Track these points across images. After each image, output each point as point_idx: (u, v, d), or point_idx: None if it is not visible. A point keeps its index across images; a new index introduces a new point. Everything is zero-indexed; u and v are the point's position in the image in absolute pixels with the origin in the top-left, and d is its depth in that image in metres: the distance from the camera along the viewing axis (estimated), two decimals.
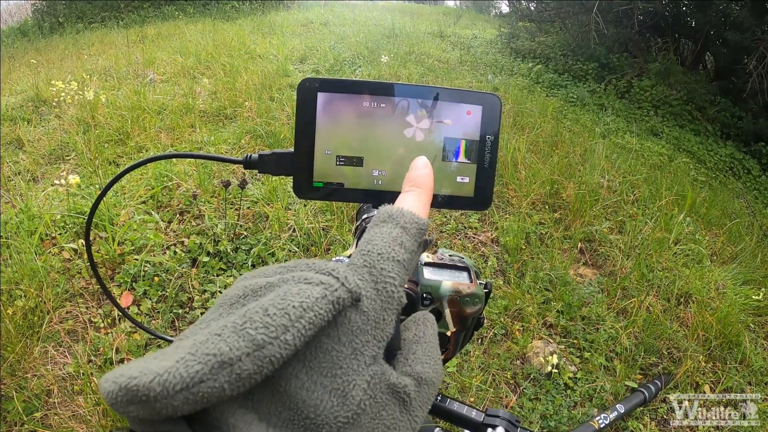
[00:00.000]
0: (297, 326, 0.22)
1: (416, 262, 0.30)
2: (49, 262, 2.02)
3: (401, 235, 0.29)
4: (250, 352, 0.20)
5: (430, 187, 0.35)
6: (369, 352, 0.25)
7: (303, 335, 0.22)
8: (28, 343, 1.75)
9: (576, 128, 4.56)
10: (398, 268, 0.27)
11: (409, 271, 0.28)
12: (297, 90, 0.54)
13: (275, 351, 0.21)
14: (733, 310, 2.29)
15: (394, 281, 0.27)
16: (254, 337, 0.21)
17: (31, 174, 2.90)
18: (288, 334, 0.21)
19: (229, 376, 0.20)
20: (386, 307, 0.26)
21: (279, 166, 0.60)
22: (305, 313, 0.22)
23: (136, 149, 3.06)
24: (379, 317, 0.26)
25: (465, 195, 0.58)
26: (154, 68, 4.82)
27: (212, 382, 0.19)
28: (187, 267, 2.09)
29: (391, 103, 0.54)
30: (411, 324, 0.32)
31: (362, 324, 0.25)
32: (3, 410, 1.57)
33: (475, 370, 1.81)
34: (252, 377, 0.20)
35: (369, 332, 0.25)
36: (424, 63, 5.81)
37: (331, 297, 0.24)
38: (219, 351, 0.20)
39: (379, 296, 0.26)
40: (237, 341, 0.21)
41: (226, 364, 0.20)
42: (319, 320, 0.23)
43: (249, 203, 2.46)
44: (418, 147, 0.55)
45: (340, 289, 0.24)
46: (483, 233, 2.61)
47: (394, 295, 0.26)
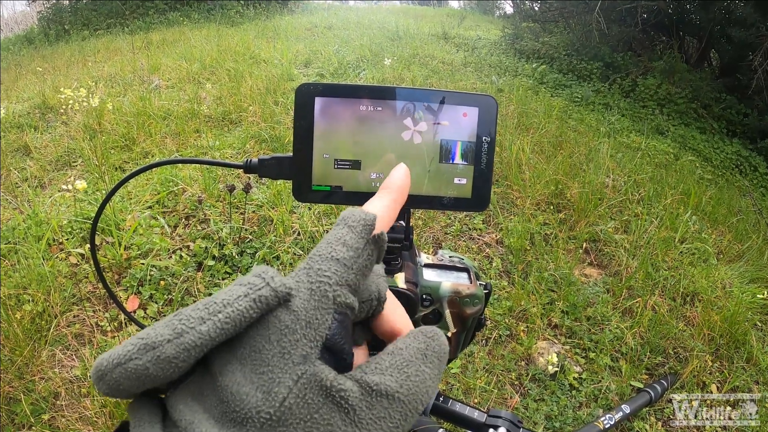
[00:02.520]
0: (213, 319, 0.24)
1: (368, 258, 0.29)
2: (56, 267, 2.04)
3: (346, 233, 0.29)
4: (171, 339, 0.23)
5: (400, 189, 0.35)
6: (298, 351, 0.25)
7: (219, 328, 0.24)
8: (36, 346, 1.77)
9: (581, 128, 4.55)
10: (336, 267, 0.27)
11: (356, 268, 0.28)
12: (295, 95, 0.54)
13: (191, 339, 0.23)
14: (739, 308, 2.27)
15: (329, 280, 0.27)
16: (176, 326, 0.23)
17: (39, 180, 2.92)
18: (204, 326, 0.24)
19: (152, 357, 0.23)
20: (320, 306, 0.26)
21: (279, 170, 0.61)
22: (224, 309, 0.24)
23: (141, 155, 3.09)
24: (311, 316, 0.26)
25: (462, 196, 0.59)
26: (159, 74, 4.85)
27: (138, 361, 0.23)
28: (193, 271, 2.10)
29: (388, 107, 0.55)
30: (405, 337, 0.30)
31: (291, 323, 0.25)
32: (11, 412, 1.59)
33: (480, 371, 1.81)
34: (173, 361, 0.23)
35: (299, 331, 0.25)
36: (428, 65, 5.82)
37: (254, 295, 0.25)
38: (146, 336, 0.23)
39: (312, 296, 0.26)
40: (162, 329, 0.23)
41: (149, 347, 0.23)
42: (237, 315, 0.24)
43: (254, 207, 2.47)
44: (416, 149, 0.56)
45: (264, 288, 0.25)
46: (487, 234, 2.61)
47: (328, 294, 0.26)
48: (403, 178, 0.36)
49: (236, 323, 0.24)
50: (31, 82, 5.12)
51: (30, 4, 10.82)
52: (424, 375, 0.27)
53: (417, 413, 0.27)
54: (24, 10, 11.27)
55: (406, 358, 0.28)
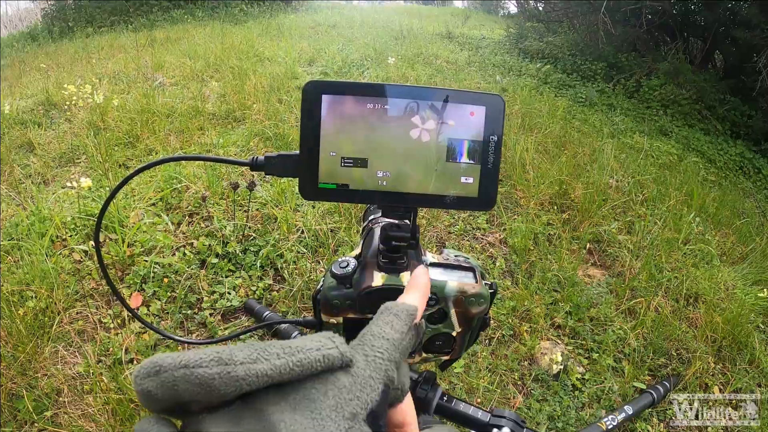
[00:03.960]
0: (288, 358, 0.26)
1: (409, 342, 0.34)
2: (59, 264, 2.05)
3: (393, 320, 0.34)
4: (245, 362, 0.25)
5: (426, 287, 0.42)
6: (350, 409, 0.27)
7: (290, 367, 0.26)
8: (39, 343, 1.77)
9: (585, 128, 4.54)
10: (387, 345, 0.31)
11: (401, 349, 0.32)
12: (302, 92, 0.54)
13: (263, 368, 0.25)
14: (742, 310, 2.27)
15: (382, 355, 0.31)
16: (252, 353, 0.26)
17: (42, 177, 2.93)
18: (278, 361, 0.26)
19: (221, 371, 0.24)
20: (374, 375, 0.29)
21: (285, 167, 0.61)
22: (298, 354, 0.27)
23: (145, 152, 3.09)
24: (366, 382, 0.29)
25: (469, 195, 0.59)
26: (163, 72, 4.85)
27: (207, 370, 0.24)
28: (196, 268, 2.10)
29: (396, 105, 0.55)
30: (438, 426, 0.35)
31: (349, 385, 0.28)
32: (14, 409, 1.59)
33: (483, 371, 1.81)
34: (239, 382, 0.25)
35: (354, 392, 0.28)
36: (432, 64, 5.82)
37: (325, 351, 0.28)
38: (223, 351, 0.25)
39: (368, 365, 0.30)
40: (241, 351, 0.26)
41: (223, 362, 0.25)
42: (308, 362, 0.27)
43: (258, 205, 2.47)
44: (424, 148, 0.56)
45: (333, 349, 0.28)
46: (491, 234, 2.60)
47: (381, 366, 0.30)
48: (426, 278, 0.43)
49: (304, 368, 0.27)
50: (35, 78, 5.12)
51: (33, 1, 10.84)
52: None
53: None
54: (28, 6, 11.28)
55: None
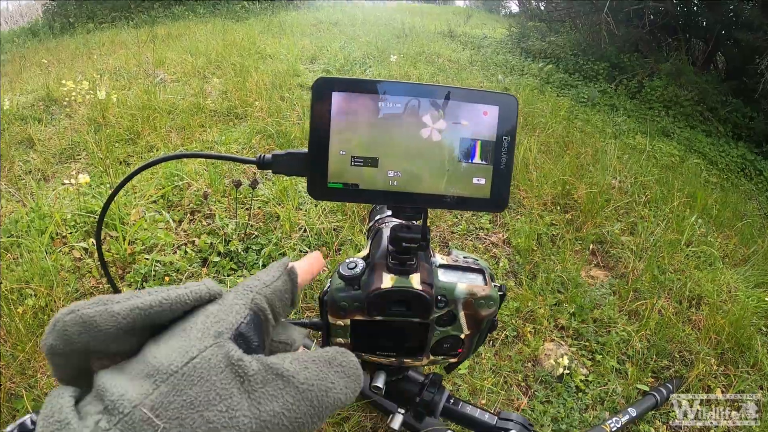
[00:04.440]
0: (157, 295, 0.31)
1: (284, 285, 0.37)
2: (59, 261, 2.03)
3: (268, 267, 0.38)
4: (120, 301, 0.30)
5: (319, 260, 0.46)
6: (215, 329, 0.30)
7: (159, 302, 0.30)
8: (38, 341, 1.76)
9: (587, 129, 4.53)
10: (256, 282, 0.35)
11: (273, 288, 0.36)
12: (311, 89, 0.53)
13: (134, 303, 0.30)
14: (745, 313, 2.26)
15: (250, 288, 0.35)
16: (128, 295, 0.31)
17: (42, 173, 2.91)
18: (149, 297, 0.30)
19: (101, 310, 0.29)
20: (238, 303, 0.33)
21: (293, 166, 0.60)
22: (167, 291, 0.32)
23: (146, 149, 3.07)
24: (231, 307, 0.32)
25: (481, 197, 0.58)
26: (164, 68, 4.84)
27: (89, 310, 0.28)
28: (198, 266, 2.09)
29: (407, 103, 0.54)
30: (318, 348, 0.35)
31: (216, 311, 0.32)
32: (13, 409, 1.58)
33: (487, 372, 1.80)
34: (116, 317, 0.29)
35: (219, 316, 0.31)
36: (434, 63, 5.80)
37: (192, 288, 0.33)
38: (103, 296, 0.30)
39: (236, 296, 0.33)
40: (119, 296, 0.30)
41: (102, 302, 0.29)
42: (176, 297, 0.31)
43: (260, 203, 2.46)
44: (435, 147, 0.54)
45: (201, 287, 0.33)
46: (494, 234, 2.59)
47: (247, 295, 0.34)
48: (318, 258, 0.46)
49: (173, 302, 0.31)
50: (36, 74, 5.11)
51: None
52: (326, 376, 0.32)
53: (315, 410, 0.30)
54: (29, 2, 11.26)
55: (312, 357, 0.32)
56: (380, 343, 0.69)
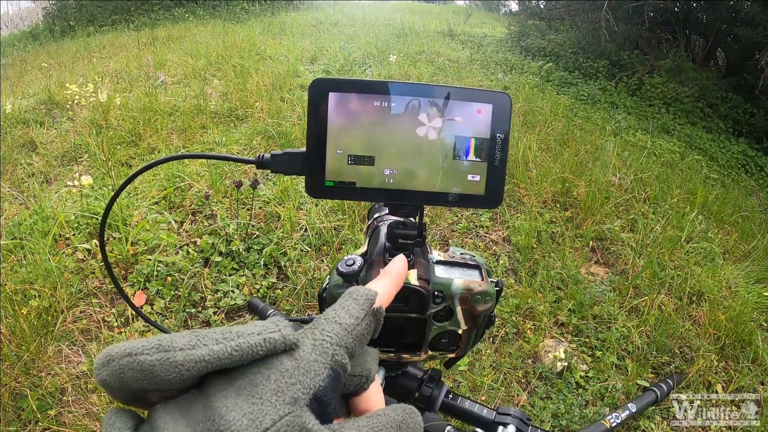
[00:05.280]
0: (225, 343, 0.26)
1: (366, 327, 0.33)
2: (63, 263, 2.05)
3: (350, 304, 0.33)
4: (184, 348, 0.25)
5: (398, 276, 0.42)
6: (291, 393, 0.27)
7: (228, 353, 0.26)
8: (43, 342, 1.77)
9: (587, 126, 4.53)
10: (338, 329, 0.31)
11: (355, 334, 0.32)
12: (309, 90, 0.54)
13: (200, 353, 0.25)
14: (745, 308, 2.26)
15: (330, 339, 0.30)
16: (191, 339, 0.26)
17: (45, 176, 2.93)
18: (216, 346, 0.26)
19: (161, 357, 0.25)
20: (319, 360, 0.29)
21: (291, 165, 0.60)
22: (237, 338, 0.27)
23: (148, 150, 3.09)
24: (310, 366, 0.28)
25: (476, 193, 0.58)
26: (164, 70, 4.85)
27: (148, 356, 0.24)
28: (200, 267, 2.10)
29: (403, 102, 0.54)
30: (386, 408, 0.32)
31: (291, 368, 0.28)
32: (18, 408, 1.59)
33: (487, 369, 1.81)
34: (179, 368, 0.25)
35: (296, 377, 0.28)
36: (434, 62, 5.81)
37: (266, 335, 0.28)
38: (163, 339, 0.25)
39: (314, 349, 0.29)
40: (179, 338, 0.26)
41: (163, 348, 0.25)
42: (247, 347, 0.27)
43: (261, 203, 2.47)
44: (430, 145, 0.55)
45: (275, 333, 0.28)
46: (494, 232, 2.60)
47: (328, 350, 0.30)
48: (402, 266, 0.43)
49: (244, 353, 0.27)
50: (37, 77, 5.13)
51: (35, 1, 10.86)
52: None
53: None
54: (29, 6, 11.29)
55: (382, 424, 0.30)
56: (379, 339, 0.70)
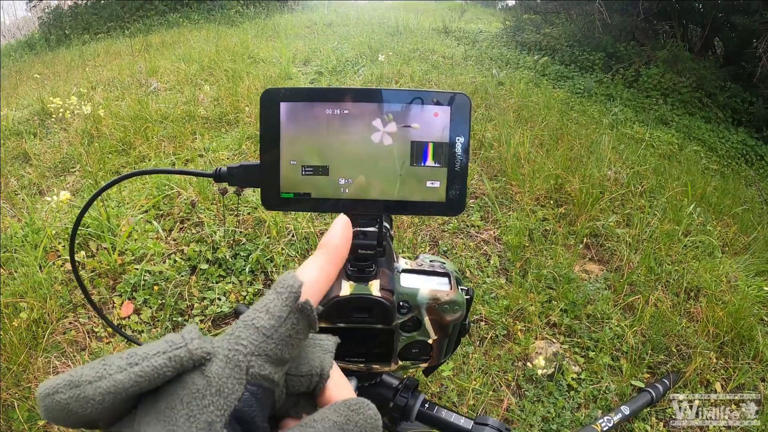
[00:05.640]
0: (129, 370, 0.24)
1: (293, 329, 0.28)
2: (52, 274, 2.04)
3: (272, 300, 0.28)
4: (92, 381, 0.24)
5: (336, 248, 0.35)
6: (204, 417, 0.24)
7: (133, 380, 0.24)
8: (32, 353, 1.77)
9: (583, 120, 4.50)
10: (254, 336, 0.27)
11: (277, 337, 0.27)
12: (260, 101, 0.53)
13: (107, 385, 0.24)
14: (745, 303, 2.23)
15: (244, 349, 0.26)
16: (98, 370, 0.24)
17: (38, 187, 2.93)
18: (120, 375, 0.24)
19: (74, 394, 0.23)
20: (232, 375, 0.26)
21: (247, 178, 0.59)
22: (141, 362, 0.24)
23: (138, 159, 3.08)
24: (222, 384, 0.25)
25: (436, 200, 0.57)
26: (157, 77, 4.84)
27: (62, 395, 0.23)
28: (187, 275, 2.09)
29: (356, 109, 0.53)
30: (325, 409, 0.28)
31: (202, 388, 0.25)
32: (9, 419, 1.59)
33: (475, 373, 1.78)
34: (91, 402, 0.23)
35: (208, 398, 0.25)
36: (428, 60, 5.78)
37: (171, 353, 0.25)
38: (74, 373, 0.24)
39: (228, 364, 0.26)
40: (88, 370, 0.24)
41: (74, 384, 0.24)
42: (151, 371, 0.24)
43: (248, 209, 2.45)
44: (386, 152, 0.54)
45: (181, 349, 0.25)
46: (486, 231, 2.58)
47: (240, 364, 0.26)
48: (340, 234, 0.36)
49: (150, 378, 0.24)
50: (31, 88, 5.13)
51: (30, 9, 10.89)
52: None
53: None
54: (25, 15, 11.34)
55: (327, 426, 0.27)
56: (348, 350, 0.69)
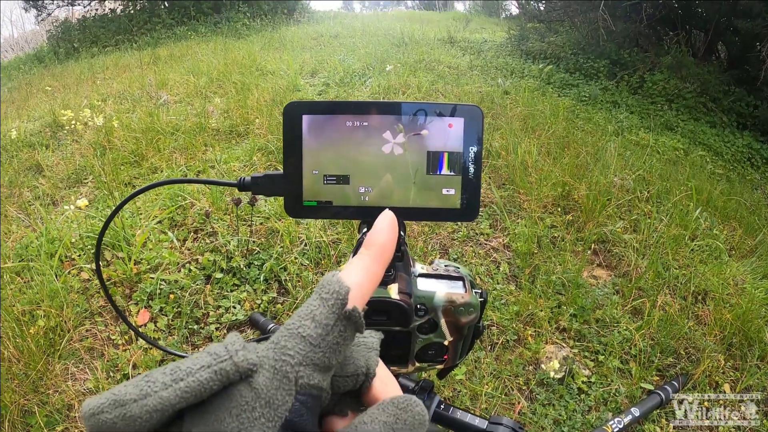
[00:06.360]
0: (174, 386, 0.24)
1: (340, 336, 0.28)
2: (68, 283, 2.08)
3: (317, 307, 0.28)
4: (137, 399, 0.23)
5: (381, 247, 0.33)
6: (255, 431, 0.24)
7: (179, 396, 0.24)
8: (50, 360, 1.81)
9: (588, 127, 4.52)
10: (301, 345, 0.26)
11: (324, 346, 0.27)
12: (283, 114, 0.56)
13: (152, 403, 0.23)
14: (752, 305, 2.24)
15: (291, 359, 0.26)
16: (142, 388, 0.24)
17: (51, 198, 2.98)
18: (165, 392, 0.24)
19: (119, 414, 0.23)
20: (281, 387, 0.25)
21: (271, 187, 0.62)
22: (186, 377, 0.24)
23: (150, 170, 3.13)
24: (271, 396, 0.25)
25: (451, 207, 0.60)
26: (167, 89, 4.91)
27: (108, 415, 0.23)
28: (202, 284, 2.12)
29: (372, 121, 0.56)
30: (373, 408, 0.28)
31: (251, 400, 0.25)
32: (26, 424, 1.63)
33: (487, 377, 1.80)
34: (138, 420, 0.23)
35: (257, 410, 0.25)
36: (434, 70, 5.82)
37: (216, 367, 0.25)
38: (118, 392, 0.24)
39: (275, 375, 0.26)
40: (132, 389, 0.24)
41: (119, 403, 0.23)
42: (197, 386, 0.24)
43: (261, 219, 2.49)
44: (399, 162, 0.57)
45: (226, 362, 0.25)
46: (495, 239, 2.60)
47: (289, 375, 0.26)
48: (386, 231, 0.34)
49: (196, 393, 0.24)
50: (42, 100, 5.21)
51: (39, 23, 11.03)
52: None
53: None
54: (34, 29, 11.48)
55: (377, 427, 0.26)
56: None
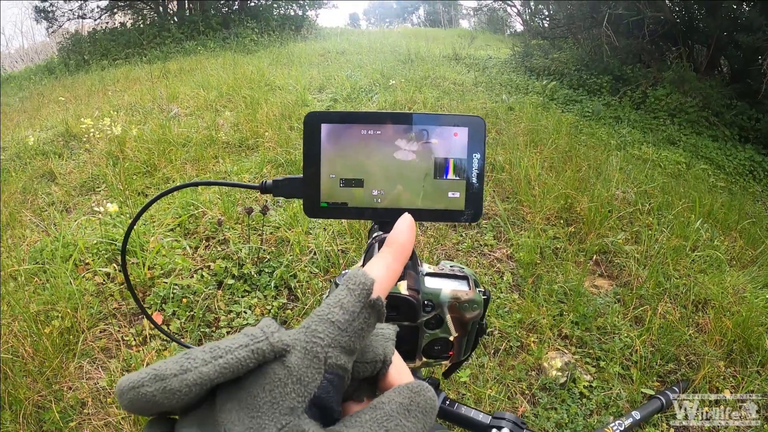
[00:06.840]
0: (214, 363, 0.26)
1: (365, 322, 0.31)
2: (83, 286, 2.15)
3: (344, 296, 0.31)
4: (177, 374, 0.26)
5: (401, 246, 0.37)
6: (287, 404, 0.27)
7: (218, 372, 0.26)
8: (65, 359, 1.87)
9: (591, 142, 4.58)
10: (330, 329, 0.29)
11: (351, 331, 0.30)
12: (303, 122, 0.62)
13: (192, 377, 0.26)
14: (752, 313, 2.27)
15: (321, 341, 0.29)
16: (183, 364, 0.26)
17: (64, 204, 3.06)
18: (205, 368, 0.26)
19: (159, 387, 0.25)
20: (311, 365, 0.28)
21: (291, 189, 0.68)
22: (225, 354, 0.27)
23: (163, 180, 3.20)
24: (302, 374, 0.28)
25: (456, 208, 0.65)
26: (177, 102, 5.00)
27: (148, 388, 0.25)
28: (213, 289, 2.18)
29: (385, 130, 0.62)
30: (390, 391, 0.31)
31: (284, 377, 0.27)
32: (40, 420, 1.68)
33: (490, 381, 1.85)
34: (177, 393, 0.25)
35: (289, 386, 0.27)
36: (439, 86, 5.89)
37: (253, 346, 0.27)
38: (158, 367, 0.26)
39: (306, 355, 0.28)
40: (172, 364, 0.26)
41: (159, 378, 0.25)
42: (235, 363, 0.27)
43: (271, 228, 2.55)
44: (410, 167, 0.62)
45: (263, 342, 0.28)
46: (498, 250, 2.65)
47: (319, 355, 0.28)
48: (406, 232, 0.37)
49: (234, 369, 0.27)
50: (54, 111, 5.32)
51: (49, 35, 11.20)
52: (404, 429, 0.29)
53: None
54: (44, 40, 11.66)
55: (387, 413, 0.29)
56: None
